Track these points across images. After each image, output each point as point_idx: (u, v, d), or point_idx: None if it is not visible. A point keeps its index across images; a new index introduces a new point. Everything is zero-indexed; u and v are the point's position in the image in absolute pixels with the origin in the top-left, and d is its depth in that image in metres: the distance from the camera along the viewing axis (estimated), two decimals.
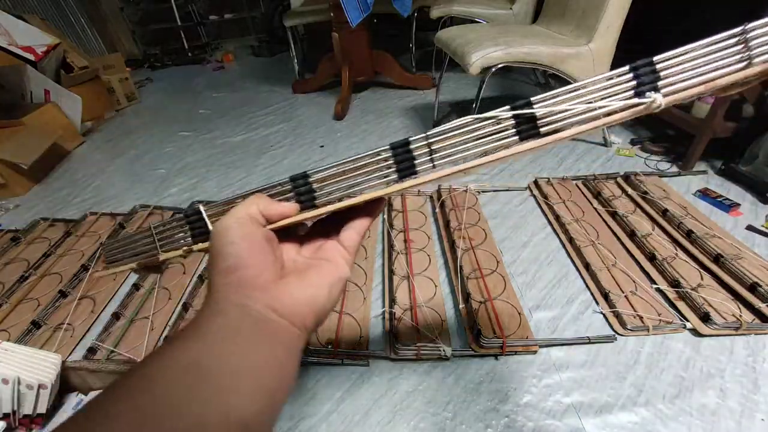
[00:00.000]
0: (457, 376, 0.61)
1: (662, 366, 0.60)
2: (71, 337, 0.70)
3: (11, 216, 1.15)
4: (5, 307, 0.76)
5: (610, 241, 0.83)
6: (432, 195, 1.03)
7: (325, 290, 0.24)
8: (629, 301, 0.69)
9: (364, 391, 0.60)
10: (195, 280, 0.81)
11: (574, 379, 0.59)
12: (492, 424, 0.54)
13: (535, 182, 1.05)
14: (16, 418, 0.55)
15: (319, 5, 1.88)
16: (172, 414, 0.16)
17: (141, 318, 0.73)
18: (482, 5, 1.66)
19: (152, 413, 0.16)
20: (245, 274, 0.23)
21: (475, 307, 0.69)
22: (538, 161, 1.17)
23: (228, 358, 0.19)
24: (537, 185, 1.04)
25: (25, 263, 0.88)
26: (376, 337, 0.67)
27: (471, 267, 0.78)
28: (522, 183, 1.07)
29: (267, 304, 0.22)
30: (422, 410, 0.57)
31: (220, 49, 3.40)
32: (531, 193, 1.03)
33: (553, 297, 0.73)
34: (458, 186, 1.03)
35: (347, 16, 1.41)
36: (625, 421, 0.53)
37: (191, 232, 0.29)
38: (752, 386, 0.56)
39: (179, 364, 0.18)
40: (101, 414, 0.16)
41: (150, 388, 0.17)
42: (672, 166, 1.10)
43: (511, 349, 0.62)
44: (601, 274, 0.74)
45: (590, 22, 1.05)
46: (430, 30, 1.75)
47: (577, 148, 1.23)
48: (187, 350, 0.19)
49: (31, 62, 1.63)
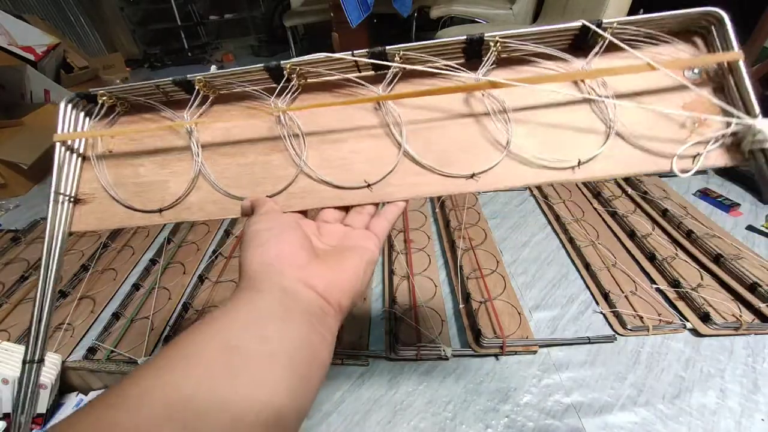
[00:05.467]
0: (457, 376, 0.61)
1: (662, 366, 0.60)
2: (71, 337, 0.70)
3: (11, 216, 1.15)
4: (5, 307, 0.76)
5: (610, 241, 0.83)
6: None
7: (361, 270, 0.24)
8: (629, 301, 0.69)
9: (364, 391, 0.60)
10: (195, 280, 0.81)
11: (574, 379, 0.59)
12: (492, 424, 0.54)
13: None
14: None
15: (319, 5, 1.88)
16: (209, 397, 0.16)
17: (141, 318, 0.73)
18: (482, 5, 1.66)
19: (188, 395, 0.16)
20: (282, 252, 0.23)
21: (475, 307, 0.69)
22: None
23: (264, 340, 0.18)
24: (537, 185, 1.04)
25: (25, 263, 0.88)
26: (376, 337, 0.67)
27: (471, 267, 0.78)
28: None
29: (304, 281, 0.22)
30: (422, 410, 0.57)
31: (220, 49, 3.40)
32: (531, 193, 1.03)
33: (553, 297, 0.73)
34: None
35: (347, 16, 1.41)
36: (625, 421, 0.53)
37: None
38: (752, 386, 0.56)
39: (217, 345, 0.18)
40: (138, 390, 0.16)
41: (187, 369, 0.17)
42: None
43: (511, 349, 0.62)
44: (601, 274, 0.74)
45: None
46: (430, 30, 1.75)
47: None
48: (225, 330, 0.18)
49: (31, 62, 1.63)
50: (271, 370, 0.18)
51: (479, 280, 0.75)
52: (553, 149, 0.31)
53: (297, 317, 0.20)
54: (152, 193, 0.34)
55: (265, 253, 0.23)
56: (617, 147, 0.30)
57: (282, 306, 0.20)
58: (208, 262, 0.85)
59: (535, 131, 0.31)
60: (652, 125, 0.30)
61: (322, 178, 0.32)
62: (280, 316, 0.20)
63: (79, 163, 0.34)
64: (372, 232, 0.28)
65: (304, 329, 0.20)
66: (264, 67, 0.31)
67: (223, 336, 0.18)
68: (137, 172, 0.34)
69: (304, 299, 0.21)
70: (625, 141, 0.30)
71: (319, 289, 0.22)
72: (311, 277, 0.22)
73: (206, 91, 0.33)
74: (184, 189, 0.34)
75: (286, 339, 0.19)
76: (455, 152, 0.32)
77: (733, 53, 0.26)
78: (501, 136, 0.31)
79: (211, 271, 0.83)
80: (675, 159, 0.29)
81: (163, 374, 0.16)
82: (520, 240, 0.87)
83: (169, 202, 0.34)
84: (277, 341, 0.19)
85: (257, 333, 0.19)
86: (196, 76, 0.31)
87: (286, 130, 0.33)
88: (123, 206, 0.34)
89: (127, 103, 0.35)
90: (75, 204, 0.35)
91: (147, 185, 0.34)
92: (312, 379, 0.19)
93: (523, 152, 0.31)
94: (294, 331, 0.19)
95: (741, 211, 0.89)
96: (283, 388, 0.18)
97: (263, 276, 0.22)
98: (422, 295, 0.73)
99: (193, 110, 0.33)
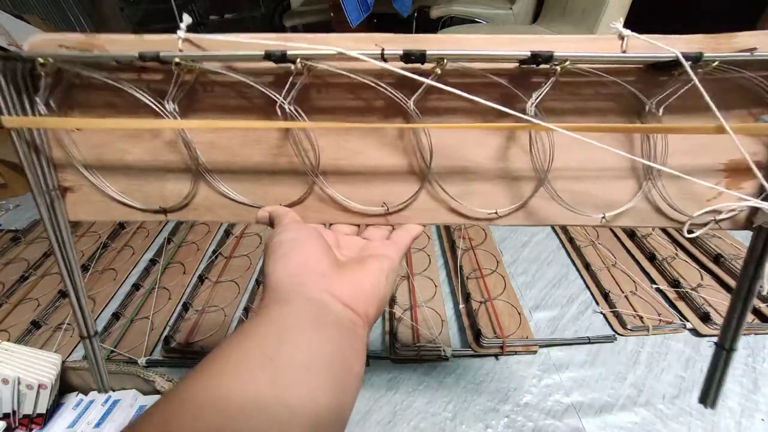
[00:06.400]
0: (457, 376, 0.61)
1: (662, 366, 0.60)
2: (71, 337, 0.70)
3: (11, 216, 1.15)
4: (5, 307, 0.76)
5: (610, 241, 0.83)
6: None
7: (383, 277, 0.24)
8: (629, 301, 0.69)
9: (364, 391, 0.60)
10: (195, 280, 0.81)
11: (574, 379, 0.59)
12: (492, 424, 0.54)
13: None
14: (16, 418, 0.55)
15: (319, 5, 1.88)
16: (257, 405, 0.16)
17: (141, 318, 0.73)
18: (482, 5, 1.66)
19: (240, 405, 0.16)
20: (305, 261, 0.23)
21: (475, 307, 0.69)
22: None
23: (298, 352, 0.19)
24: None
25: (25, 263, 0.88)
26: (376, 337, 0.67)
27: (471, 267, 0.78)
28: None
29: (328, 291, 0.22)
30: (422, 410, 0.57)
31: None
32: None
33: (553, 297, 0.73)
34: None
35: (347, 16, 1.41)
36: (625, 421, 0.53)
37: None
38: (752, 386, 0.56)
39: (255, 361, 0.18)
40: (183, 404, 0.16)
41: (231, 381, 0.17)
42: None
43: (511, 349, 0.62)
44: (601, 274, 0.74)
45: (590, 22, 1.05)
46: (430, 30, 1.75)
47: None
48: (259, 345, 0.19)
49: None
50: (309, 381, 0.18)
51: (479, 280, 0.75)
52: (581, 196, 0.29)
53: (327, 329, 0.20)
54: (150, 186, 0.31)
55: (288, 263, 0.23)
56: (642, 201, 0.29)
57: (310, 318, 0.20)
58: (208, 262, 0.85)
59: (566, 173, 0.29)
60: (684, 185, 0.27)
61: (337, 198, 0.30)
62: (310, 327, 0.20)
63: (47, 155, 0.29)
64: (393, 241, 0.29)
65: (336, 341, 0.20)
66: (266, 55, 0.24)
67: (260, 351, 0.18)
68: (123, 162, 0.30)
69: (332, 311, 0.21)
70: (651, 200, 0.29)
71: (345, 299, 0.22)
72: (335, 287, 0.22)
73: (187, 75, 0.27)
74: (187, 190, 0.31)
75: (318, 351, 0.19)
76: (477, 186, 0.30)
77: None
78: (529, 177, 0.29)
79: (211, 271, 0.83)
80: (688, 224, 0.28)
81: (214, 384, 0.17)
82: (520, 240, 0.87)
83: (172, 203, 0.31)
84: (309, 353, 0.19)
85: (291, 345, 0.19)
86: (174, 57, 0.25)
87: (300, 149, 0.29)
88: (119, 202, 0.31)
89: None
90: (64, 194, 0.31)
91: (141, 177, 0.31)
92: (347, 389, 0.19)
93: (552, 192, 0.29)
94: (325, 342, 0.20)
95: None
96: (321, 397, 0.18)
97: (288, 288, 0.22)
98: (422, 295, 0.73)
99: (174, 95, 0.28)
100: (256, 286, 0.78)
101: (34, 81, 0.27)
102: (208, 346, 0.67)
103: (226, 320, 0.71)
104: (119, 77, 0.27)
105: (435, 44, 0.25)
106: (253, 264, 0.84)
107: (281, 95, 0.27)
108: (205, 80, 0.28)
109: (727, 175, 0.28)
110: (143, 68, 0.27)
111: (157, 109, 0.28)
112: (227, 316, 0.72)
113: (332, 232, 0.29)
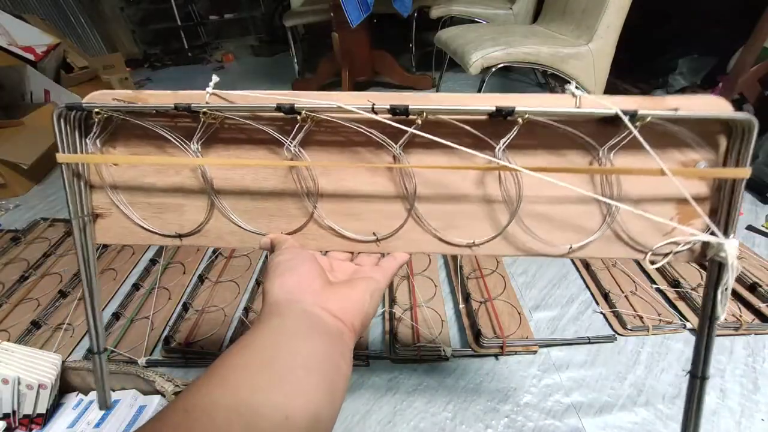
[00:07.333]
0: (457, 376, 0.61)
1: (662, 366, 0.60)
2: (71, 337, 0.70)
3: (11, 216, 1.15)
4: (5, 307, 0.76)
5: None
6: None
7: (368, 295, 0.28)
8: (629, 301, 0.69)
9: (364, 391, 0.60)
10: (195, 280, 0.81)
11: (574, 379, 0.59)
12: (492, 424, 0.54)
13: None
14: (16, 418, 0.55)
15: (319, 5, 1.87)
16: (263, 401, 0.19)
17: (141, 318, 0.73)
18: (482, 5, 1.66)
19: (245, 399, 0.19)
20: (300, 281, 0.26)
21: (475, 307, 0.69)
22: None
23: (296, 355, 0.21)
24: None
25: (25, 263, 0.88)
26: (376, 337, 0.67)
27: (471, 267, 0.78)
28: None
29: (321, 306, 0.25)
30: (422, 410, 0.57)
31: (220, 49, 3.39)
32: None
33: (553, 297, 0.73)
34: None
35: (347, 16, 1.41)
36: (625, 421, 0.53)
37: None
38: (752, 386, 0.56)
39: (257, 362, 0.21)
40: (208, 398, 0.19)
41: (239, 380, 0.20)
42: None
43: (511, 349, 0.62)
44: (601, 274, 0.74)
45: (590, 22, 1.05)
46: (430, 30, 1.75)
47: None
48: (261, 349, 0.22)
49: (31, 62, 1.63)
50: (307, 380, 0.21)
51: (479, 280, 0.75)
52: (549, 229, 0.32)
53: (319, 336, 0.23)
54: (168, 214, 0.35)
55: (285, 282, 0.26)
56: (608, 232, 0.32)
57: (304, 326, 0.23)
58: (208, 262, 0.85)
59: (536, 207, 0.33)
60: (643, 221, 0.31)
61: (333, 227, 0.34)
62: (304, 335, 0.23)
63: (87, 184, 0.35)
64: (381, 266, 0.32)
65: (327, 345, 0.23)
66: (277, 107, 0.29)
67: (261, 354, 0.21)
68: (149, 193, 0.35)
69: (323, 321, 0.24)
70: (615, 233, 0.32)
71: (335, 311, 0.25)
72: (326, 302, 0.25)
73: (211, 121, 0.31)
74: (203, 218, 0.35)
75: (312, 353, 0.22)
76: (459, 218, 0.33)
77: (741, 170, 0.28)
78: (504, 210, 0.33)
79: (211, 271, 0.83)
80: (649, 254, 0.32)
81: (224, 383, 0.19)
82: None
83: (187, 229, 0.35)
84: (306, 356, 0.22)
85: (288, 350, 0.22)
86: (202, 107, 0.30)
87: (301, 183, 0.33)
88: (142, 227, 0.35)
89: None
90: (95, 220, 0.36)
91: (163, 206, 0.35)
92: (337, 389, 0.22)
93: (525, 229, 0.33)
94: (318, 346, 0.23)
95: (741, 211, 0.89)
96: (319, 393, 0.21)
97: (284, 302, 0.25)
98: (422, 295, 0.73)
99: (200, 135, 0.32)
100: (255, 286, 0.78)
101: (86, 124, 0.33)
102: (208, 346, 0.67)
103: (226, 320, 0.71)
104: (158, 122, 0.33)
105: (419, 101, 0.29)
106: (253, 264, 0.84)
107: (289, 136, 0.31)
108: (226, 123, 0.33)
109: (679, 212, 0.31)
110: (176, 115, 0.32)
111: (183, 148, 0.33)
112: (227, 316, 0.72)
113: (327, 258, 0.33)
